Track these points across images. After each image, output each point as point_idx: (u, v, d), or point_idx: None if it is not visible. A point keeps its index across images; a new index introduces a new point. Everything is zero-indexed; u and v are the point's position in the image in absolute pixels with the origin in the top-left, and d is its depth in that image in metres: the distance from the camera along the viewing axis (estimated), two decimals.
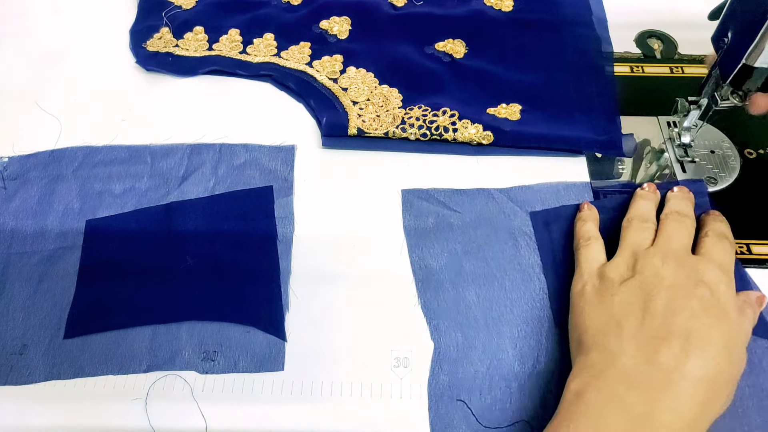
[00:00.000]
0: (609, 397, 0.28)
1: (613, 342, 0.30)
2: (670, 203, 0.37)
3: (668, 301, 0.30)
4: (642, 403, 0.27)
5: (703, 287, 0.31)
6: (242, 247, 0.39)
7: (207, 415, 0.33)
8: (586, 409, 0.28)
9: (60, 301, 0.37)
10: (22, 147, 0.44)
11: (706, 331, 0.29)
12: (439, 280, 0.38)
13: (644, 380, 0.28)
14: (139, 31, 0.52)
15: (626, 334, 0.30)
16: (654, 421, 0.27)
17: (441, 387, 0.34)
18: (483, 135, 0.43)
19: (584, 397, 0.28)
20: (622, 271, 0.33)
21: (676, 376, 0.28)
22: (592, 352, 0.30)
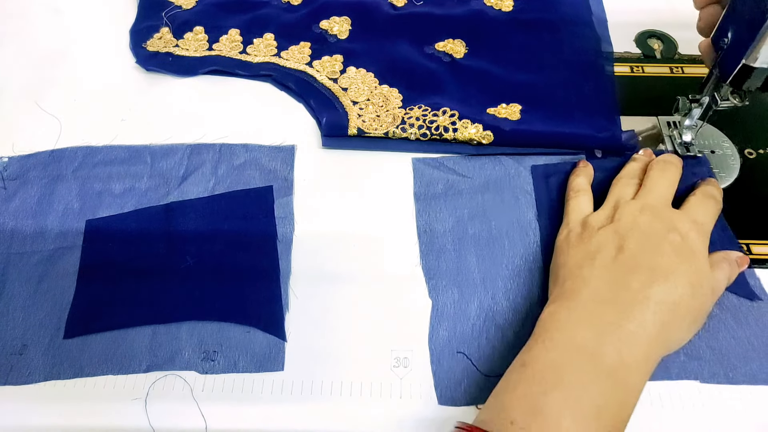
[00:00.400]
0: (581, 311, 0.31)
1: (586, 271, 0.33)
2: (659, 156, 0.39)
3: (641, 243, 0.33)
4: (611, 314, 0.30)
5: (674, 233, 0.33)
6: (242, 247, 0.39)
7: (207, 415, 0.33)
8: (559, 324, 0.30)
9: (60, 301, 0.37)
10: (22, 147, 0.44)
11: (673, 266, 0.31)
12: (442, 243, 0.39)
13: (613, 298, 0.30)
14: (139, 31, 0.52)
15: (599, 265, 0.32)
16: (621, 329, 0.29)
17: (441, 342, 0.35)
18: (483, 135, 0.43)
19: (558, 315, 0.31)
20: (602, 219, 0.36)
21: (641, 296, 0.30)
22: (567, 282, 0.33)
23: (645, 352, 0.29)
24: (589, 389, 0.27)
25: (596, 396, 0.27)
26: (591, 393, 0.27)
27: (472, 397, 0.34)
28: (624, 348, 0.29)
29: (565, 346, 0.29)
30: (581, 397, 0.27)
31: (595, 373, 0.28)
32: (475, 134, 0.43)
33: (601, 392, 0.27)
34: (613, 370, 0.28)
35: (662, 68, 0.48)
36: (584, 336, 0.29)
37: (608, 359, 0.28)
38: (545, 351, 0.29)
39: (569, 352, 0.29)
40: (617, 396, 0.28)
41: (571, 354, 0.29)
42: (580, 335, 0.29)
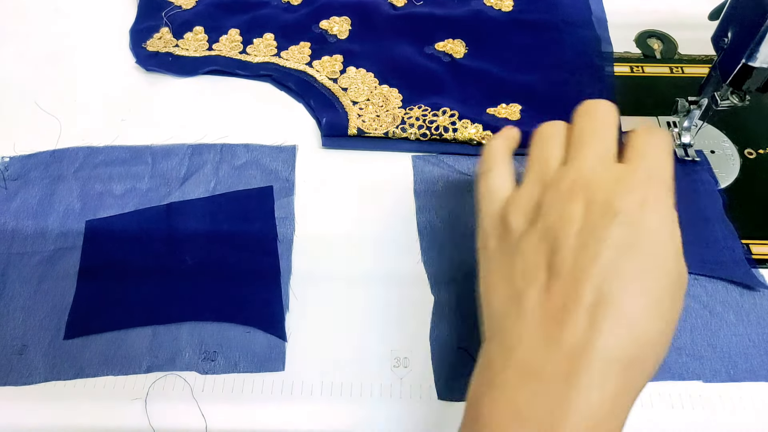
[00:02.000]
0: (505, 410, 0.22)
1: (510, 327, 0.24)
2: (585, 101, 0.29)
3: (576, 253, 0.23)
4: (544, 411, 0.22)
5: (621, 222, 0.23)
6: (243, 247, 0.39)
7: (207, 415, 0.33)
8: (484, 422, 0.23)
9: (60, 302, 0.37)
10: (22, 147, 0.44)
11: (624, 288, 0.22)
12: (443, 239, 0.39)
13: (545, 373, 0.22)
14: (139, 31, 0.52)
15: (526, 311, 0.24)
16: (565, 414, 0.21)
17: (442, 336, 0.35)
18: (483, 135, 0.43)
19: (481, 412, 0.24)
20: (526, 210, 0.26)
21: (584, 360, 0.21)
22: (491, 342, 0.25)
23: (601, 423, 0.21)
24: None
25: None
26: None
27: None
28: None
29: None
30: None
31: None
32: (474, 134, 0.43)
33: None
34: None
35: (662, 68, 0.48)
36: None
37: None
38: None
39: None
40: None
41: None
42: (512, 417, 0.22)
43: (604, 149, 0.26)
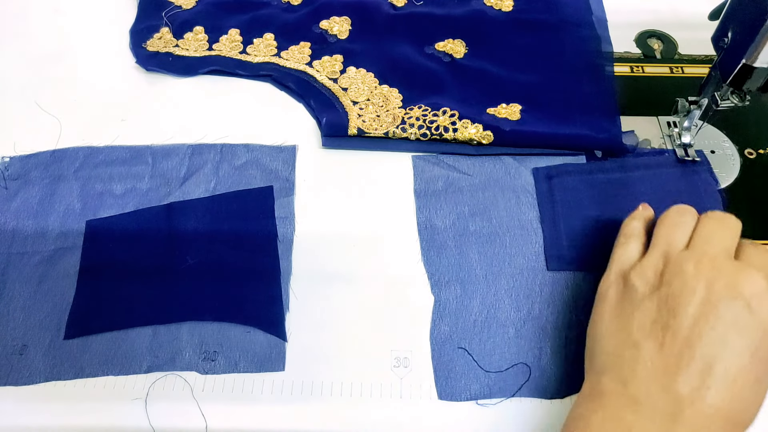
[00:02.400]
0: (615, 424, 0.27)
1: (626, 368, 0.28)
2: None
3: (695, 321, 0.27)
4: (659, 428, 0.26)
5: (740, 302, 0.27)
6: (243, 247, 0.39)
7: (207, 415, 0.33)
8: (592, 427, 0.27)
9: (60, 302, 0.37)
10: (22, 147, 0.44)
11: (735, 360, 0.26)
12: (443, 239, 0.39)
13: (657, 407, 0.26)
14: (139, 31, 0.52)
15: (642, 359, 0.28)
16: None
17: (443, 336, 0.36)
18: (483, 135, 0.43)
19: (589, 422, 0.27)
20: (648, 276, 0.30)
21: (691, 411, 0.25)
22: (603, 375, 0.29)
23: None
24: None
25: None
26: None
27: (472, 393, 0.34)
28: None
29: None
30: None
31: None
32: (475, 134, 0.43)
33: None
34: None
35: (662, 68, 0.48)
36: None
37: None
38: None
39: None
40: None
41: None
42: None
43: (728, 247, 0.30)
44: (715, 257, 0.29)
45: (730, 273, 0.28)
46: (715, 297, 0.28)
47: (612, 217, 0.39)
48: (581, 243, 0.38)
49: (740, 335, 0.27)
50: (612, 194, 0.40)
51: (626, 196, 0.40)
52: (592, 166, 0.42)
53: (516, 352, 0.35)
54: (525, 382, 0.34)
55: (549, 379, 0.34)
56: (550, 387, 0.34)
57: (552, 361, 0.35)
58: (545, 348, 0.35)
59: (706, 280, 0.28)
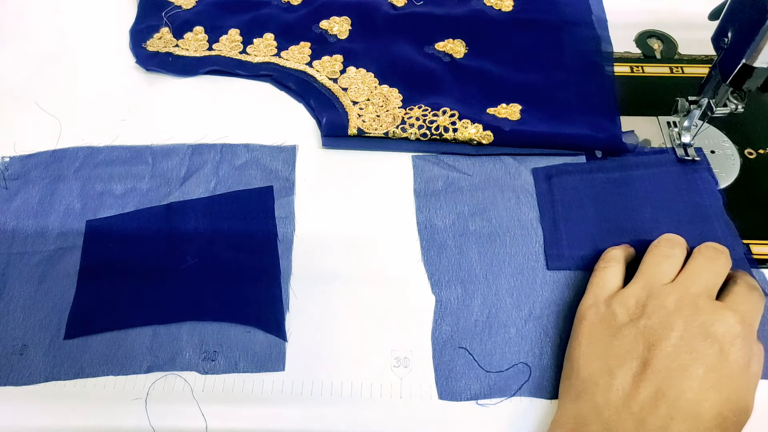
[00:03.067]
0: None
1: (601, 395, 0.29)
2: (707, 244, 0.34)
3: (669, 356, 0.29)
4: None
5: (713, 345, 0.29)
6: (243, 247, 0.39)
7: (207, 415, 0.33)
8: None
9: (60, 302, 0.37)
10: (22, 147, 0.44)
11: (702, 398, 0.28)
12: (443, 239, 0.39)
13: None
14: (139, 31, 0.52)
15: (616, 387, 0.29)
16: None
17: (443, 337, 0.36)
18: (483, 135, 0.43)
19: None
20: (630, 306, 0.31)
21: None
22: (579, 401, 0.30)
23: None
24: None
25: None
26: None
27: (472, 393, 0.34)
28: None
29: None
30: None
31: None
32: (475, 134, 0.43)
33: None
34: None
35: (662, 68, 0.48)
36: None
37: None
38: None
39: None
40: None
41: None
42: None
43: (710, 287, 0.31)
44: (697, 296, 0.31)
45: (708, 314, 0.30)
46: (690, 335, 0.29)
47: (612, 217, 0.39)
48: (581, 242, 0.39)
49: (709, 374, 0.28)
50: (612, 193, 0.40)
51: (626, 196, 0.40)
52: (592, 166, 0.42)
53: (517, 351, 0.35)
54: (525, 381, 0.34)
55: (549, 379, 0.34)
56: (550, 387, 0.34)
57: (553, 360, 0.35)
58: (546, 348, 0.35)
59: (684, 318, 0.30)
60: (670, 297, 0.31)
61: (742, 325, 0.29)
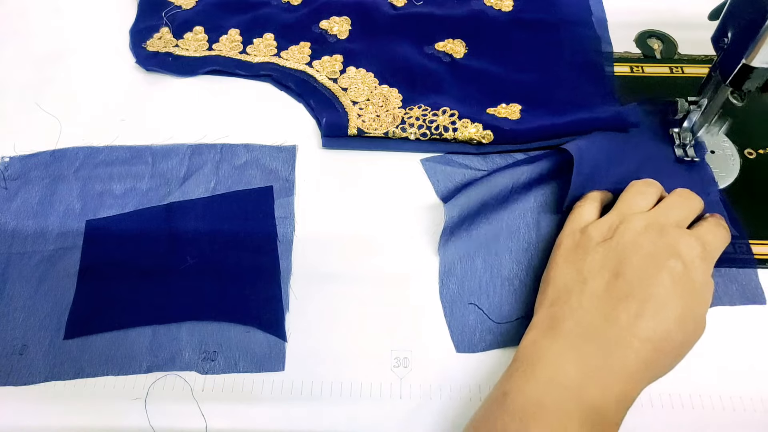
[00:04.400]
0: (564, 345, 0.30)
1: (574, 299, 0.31)
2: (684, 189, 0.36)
3: (639, 269, 0.31)
4: (595, 353, 0.29)
5: (677, 260, 0.31)
6: (243, 247, 0.39)
7: (207, 415, 0.33)
8: (542, 355, 0.30)
9: (60, 302, 0.37)
10: (22, 147, 0.44)
11: (666, 301, 0.30)
12: (458, 221, 0.39)
13: (599, 334, 0.30)
14: (139, 31, 0.52)
15: (589, 292, 0.31)
16: (605, 369, 0.29)
17: (452, 295, 0.37)
18: (483, 134, 0.43)
19: (540, 345, 0.31)
20: (603, 230, 0.34)
21: (628, 333, 0.29)
22: (553, 306, 0.32)
23: (626, 390, 0.29)
24: (569, 427, 0.27)
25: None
26: (571, 429, 0.27)
27: (487, 343, 0.35)
28: (606, 387, 0.28)
29: (547, 382, 0.29)
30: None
31: (577, 411, 0.27)
32: (475, 133, 0.43)
33: (582, 430, 0.27)
34: (594, 408, 0.28)
35: (662, 68, 0.48)
36: (567, 373, 0.29)
37: (590, 397, 0.28)
38: (526, 382, 0.29)
39: (551, 387, 0.28)
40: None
41: (553, 390, 0.28)
42: (563, 372, 0.29)
43: (681, 219, 0.34)
44: (665, 224, 0.33)
45: (674, 237, 0.32)
46: (657, 252, 0.31)
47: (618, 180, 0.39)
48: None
49: (673, 285, 0.30)
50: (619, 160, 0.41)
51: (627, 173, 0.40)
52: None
53: (524, 301, 0.36)
54: None
55: None
56: None
57: None
58: None
59: (652, 239, 0.32)
60: (640, 222, 0.33)
61: (704, 250, 0.32)
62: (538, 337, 0.31)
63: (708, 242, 0.33)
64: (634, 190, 0.36)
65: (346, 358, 0.35)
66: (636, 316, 0.30)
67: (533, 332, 0.32)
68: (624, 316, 0.30)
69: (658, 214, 0.34)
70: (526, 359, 0.30)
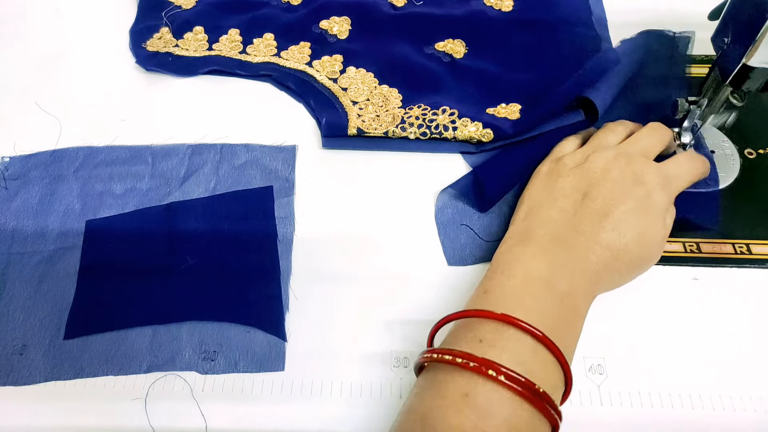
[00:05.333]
0: (536, 249, 0.33)
1: (545, 212, 0.35)
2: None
3: (606, 191, 0.34)
4: (563, 254, 0.33)
5: (641, 187, 0.34)
6: (243, 247, 0.39)
7: (207, 415, 0.33)
8: (516, 257, 0.33)
9: (60, 302, 0.37)
10: (22, 147, 0.44)
11: (627, 218, 0.34)
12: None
13: (566, 240, 0.33)
14: (139, 31, 0.52)
15: (559, 207, 0.35)
16: (571, 266, 0.32)
17: (446, 218, 0.40)
18: (483, 133, 0.43)
19: (515, 250, 0.34)
20: (577, 159, 0.37)
21: (591, 242, 0.33)
22: (526, 220, 0.36)
23: (589, 286, 0.33)
24: (545, 312, 0.30)
25: (551, 317, 0.30)
26: (547, 315, 0.30)
27: (476, 258, 0.39)
28: (573, 281, 0.32)
29: (523, 276, 0.32)
30: (539, 319, 0.29)
31: (550, 299, 0.31)
32: (474, 132, 0.43)
33: (555, 315, 0.30)
34: (565, 297, 0.31)
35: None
36: (539, 269, 0.32)
37: (560, 288, 0.31)
38: (505, 279, 0.32)
39: (527, 281, 0.31)
40: (568, 319, 0.31)
41: (528, 282, 0.31)
42: (536, 268, 0.32)
43: (649, 149, 0.38)
44: (633, 154, 0.36)
45: (640, 165, 0.35)
46: (623, 178, 0.35)
47: None
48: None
49: (635, 208, 0.34)
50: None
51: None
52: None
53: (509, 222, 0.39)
54: None
55: None
56: None
57: None
58: None
59: (620, 167, 0.35)
60: (611, 152, 0.37)
61: (666, 179, 0.35)
62: (512, 244, 0.34)
63: (671, 174, 0.36)
64: (608, 128, 0.40)
65: (346, 358, 0.35)
66: (600, 228, 0.33)
67: (508, 242, 0.35)
68: (589, 228, 0.33)
69: (627, 144, 0.37)
70: (503, 263, 0.33)
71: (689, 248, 0.39)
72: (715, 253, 0.38)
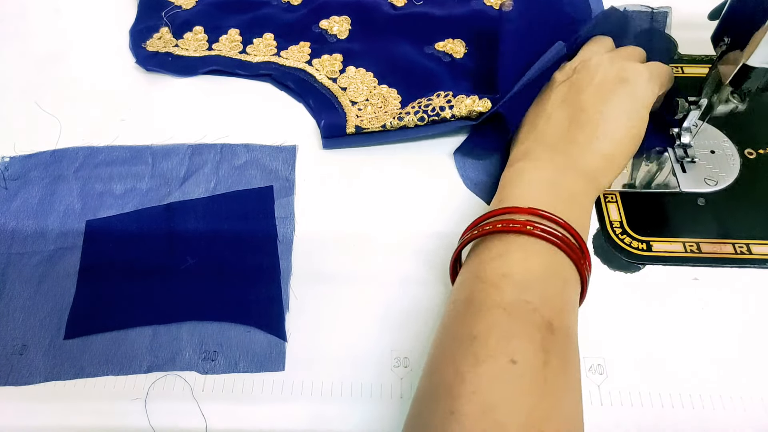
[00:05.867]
0: (538, 161, 0.36)
1: (540, 129, 0.38)
2: None
3: (593, 96, 0.37)
4: (562, 161, 0.36)
5: (625, 85, 0.37)
6: (243, 247, 0.39)
7: (207, 415, 0.33)
8: (522, 170, 0.36)
9: (60, 302, 0.37)
10: (22, 147, 0.44)
11: (616, 119, 0.36)
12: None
13: (563, 151, 0.36)
14: (139, 31, 0.52)
15: (553, 123, 0.38)
16: (571, 169, 0.35)
17: (464, 157, 0.43)
18: (480, 103, 0.42)
19: (518, 166, 0.36)
20: (567, 71, 0.40)
21: (585, 149, 0.36)
22: (524, 143, 0.38)
23: (587, 187, 0.35)
24: (556, 209, 0.32)
25: (561, 212, 0.32)
26: (558, 210, 0.32)
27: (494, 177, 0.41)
28: (575, 181, 0.35)
29: (530, 182, 0.35)
30: (554, 213, 0.32)
31: (559, 197, 0.34)
32: (471, 104, 0.42)
33: (565, 210, 0.33)
34: (571, 194, 0.34)
35: None
36: (544, 174, 0.35)
37: (566, 186, 0.34)
38: (517, 189, 0.35)
39: (534, 185, 0.35)
40: (576, 212, 0.34)
41: (538, 185, 0.34)
42: (541, 174, 0.35)
43: (634, 57, 0.40)
44: (615, 56, 0.39)
45: (622, 64, 0.38)
46: (607, 79, 0.37)
47: None
48: None
49: (622, 106, 0.36)
50: None
51: None
52: None
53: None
54: None
55: None
56: None
57: None
58: None
59: (604, 69, 0.38)
60: (596, 59, 0.39)
61: (649, 73, 0.38)
62: (515, 161, 0.37)
63: (656, 74, 0.38)
64: (593, 40, 0.42)
65: (346, 358, 0.35)
66: (592, 137, 0.36)
67: (512, 162, 0.38)
68: (582, 137, 0.36)
69: (612, 54, 0.40)
70: (510, 179, 0.36)
71: (689, 248, 0.39)
72: (715, 253, 0.38)
